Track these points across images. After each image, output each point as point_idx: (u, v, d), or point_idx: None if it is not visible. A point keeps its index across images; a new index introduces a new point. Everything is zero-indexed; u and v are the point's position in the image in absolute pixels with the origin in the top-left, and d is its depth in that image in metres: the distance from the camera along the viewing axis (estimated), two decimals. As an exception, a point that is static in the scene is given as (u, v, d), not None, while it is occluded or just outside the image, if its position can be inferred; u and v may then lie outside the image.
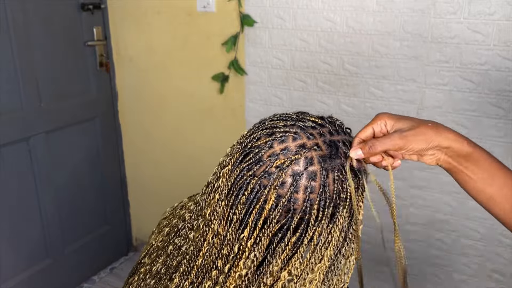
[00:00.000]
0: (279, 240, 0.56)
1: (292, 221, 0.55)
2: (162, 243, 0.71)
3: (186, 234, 0.64)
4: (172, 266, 0.64)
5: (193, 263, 0.60)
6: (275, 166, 0.55)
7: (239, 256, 0.56)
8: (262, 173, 0.55)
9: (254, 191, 0.55)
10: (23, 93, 1.62)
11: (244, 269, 0.56)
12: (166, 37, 1.81)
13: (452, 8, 1.28)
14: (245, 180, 0.56)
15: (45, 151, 1.74)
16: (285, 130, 0.57)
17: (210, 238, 0.58)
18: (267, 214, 0.55)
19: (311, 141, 0.56)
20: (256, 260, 0.56)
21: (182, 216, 0.70)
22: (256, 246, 0.56)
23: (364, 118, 1.50)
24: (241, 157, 0.58)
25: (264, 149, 0.56)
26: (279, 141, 0.56)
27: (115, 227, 2.17)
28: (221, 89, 1.72)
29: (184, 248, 0.63)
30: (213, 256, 0.58)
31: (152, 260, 0.70)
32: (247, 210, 0.56)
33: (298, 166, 0.54)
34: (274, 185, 0.54)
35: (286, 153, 0.55)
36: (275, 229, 0.55)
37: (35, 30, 1.62)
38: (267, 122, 0.60)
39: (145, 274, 0.70)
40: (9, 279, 1.71)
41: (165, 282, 0.64)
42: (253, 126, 0.62)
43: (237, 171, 0.57)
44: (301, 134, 0.56)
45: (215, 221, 0.58)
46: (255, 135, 0.59)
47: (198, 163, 1.94)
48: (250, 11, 1.58)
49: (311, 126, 0.58)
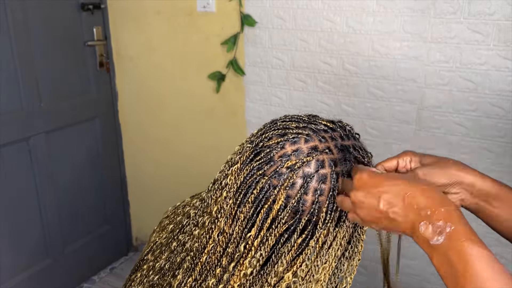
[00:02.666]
0: (285, 241, 0.56)
1: (299, 223, 0.55)
2: (165, 240, 0.70)
3: (190, 231, 0.64)
4: (176, 263, 0.64)
5: (197, 260, 0.60)
6: (286, 166, 0.55)
7: (244, 255, 0.57)
8: (272, 173, 0.55)
9: (263, 191, 0.55)
10: (23, 93, 1.62)
11: (249, 268, 0.56)
12: (166, 37, 1.81)
13: (452, 8, 1.28)
14: (255, 179, 0.56)
15: (45, 151, 1.74)
16: (298, 132, 0.57)
17: (216, 236, 0.58)
18: (275, 214, 0.55)
19: (323, 144, 0.56)
20: (262, 259, 0.56)
21: (187, 213, 0.69)
22: (263, 245, 0.56)
23: (364, 118, 1.50)
24: (251, 155, 0.58)
25: (276, 149, 0.56)
26: (291, 142, 0.56)
27: (115, 227, 2.17)
28: (217, 88, 1.72)
29: (188, 245, 0.63)
30: (218, 254, 0.58)
31: (155, 257, 0.70)
32: (255, 209, 0.56)
33: (309, 168, 0.55)
34: (284, 185, 0.54)
35: (297, 154, 0.55)
36: (282, 230, 0.55)
37: (35, 30, 1.62)
38: (279, 123, 0.60)
39: (148, 270, 0.70)
40: (9, 279, 1.71)
41: (168, 278, 0.64)
42: (264, 125, 0.62)
43: (247, 170, 0.57)
44: (313, 137, 0.57)
45: (221, 218, 0.58)
46: (266, 135, 0.59)
47: (198, 163, 1.94)
48: (250, 11, 1.58)
49: (323, 130, 0.58)
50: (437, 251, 0.44)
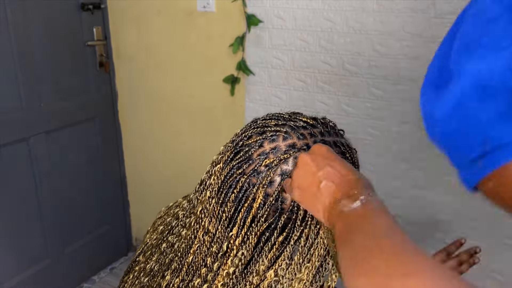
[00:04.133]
0: (266, 239, 0.56)
1: (279, 221, 0.55)
2: (156, 241, 0.71)
3: (178, 232, 0.65)
4: (165, 264, 0.65)
5: (184, 261, 0.60)
6: (264, 165, 0.55)
7: (227, 254, 0.57)
8: (251, 172, 0.55)
9: (243, 189, 0.56)
10: (23, 93, 1.62)
11: (231, 267, 0.56)
12: (166, 37, 1.81)
13: (452, 8, 1.28)
14: (235, 178, 0.56)
15: (45, 151, 1.74)
16: (276, 130, 0.57)
17: (201, 236, 0.59)
18: (255, 213, 0.55)
19: (301, 141, 0.56)
20: (244, 258, 0.56)
21: (176, 214, 0.70)
22: (244, 244, 0.56)
23: (364, 118, 1.50)
24: (232, 155, 0.58)
25: (254, 147, 0.56)
26: (270, 140, 0.56)
27: (115, 227, 2.17)
28: (231, 91, 1.71)
29: (176, 246, 0.64)
30: (203, 254, 0.59)
31: (146, 258, 0.71)
32: (236, 208, 0.56)
33: (287, 165, 0.55)
34: (262, 183, 0.55)
35: (275, 152, 0.55)
36: (262, 228, 0.55)
37: (35, 30, 1.62)
38: (259, 121, 0.60)
39: (140, 272, 0.70)
40: (9, 279, 1.71)
41: (158, 279, 0.65)
42: (246, 125, 0.62)
43: (227, 169, 0.58)
44: (291, 134, 0.57)
45: (205, 218, 0.59)
46: (246, 134, 0.59)
47: (198, 163, 1.94)
48: (250, 11, 1.58)
49: (302, 126, 0.58)
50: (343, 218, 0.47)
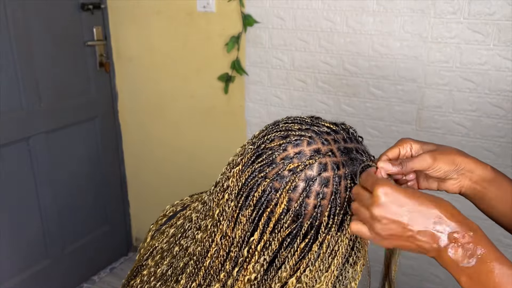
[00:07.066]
0: (287, 245, 0.55)
1: (302, 227, 0.54)
2: (167, 245, 0.69)
3: (193, 235, 0.63)
4: (179, 268, 0.63)
5: (200, 264, 0.59)
6: (288, 169, 0.54)
7: (248, 259, 0.55)
8: (274, 176, 0.54)
9: (265, 193, 0.54)
10: (23, 93, 1.62)
11: (253, 273, 0.55)
12: (166, 37, 1.81)
13: (452, 8, 1.28)
14: (256, 181, 0.55)
15: (45, 151, 1.74)
16: (300, 134, 0.56)
17: (219, 239, 0.57)
18: (277, 218, 0.54)
19: (325, 147, 0.55)
20: (266, 264, 0.55)
21: (189, 217, 0.68)
22: (266, 250, 0.55)
23: (364, 118, 1.50)
24: (253, 157, 0.57)
25: (278, 151, 0.55)
26: (294, 145, 0.55)
27: (115, 227, 2.17)
28: (225, 89, 1.72)
29: (191, 249, 0.62)
30: (221, 258, 0.57)
31: (156, 262, 0.69)
32: (257, 212, 0.55)
33: (312, 171, 0.54)
34: (286, 188, 0.53)
35: (300, 157, 0.54)
36: (285, 234, 0.54)
37: (35, 30, 1.62)
38: (281, 124, 0.59)
39: (149, 276, 0.68)
40: (9, 279, 1.71)
41: (171, 284, 0.63)
42: (266, 127, 0.61)
43: (248, 172, 0.56)
44: (316, 139, 0.56)
45: (223, 221, 0.57)
46: (268, 137, 0.57)
47: (198, 163, 1.94)
48: (251, 11, 1.58)
49: (326, 132, 0.57)
50: (466, 272, 0.46)
